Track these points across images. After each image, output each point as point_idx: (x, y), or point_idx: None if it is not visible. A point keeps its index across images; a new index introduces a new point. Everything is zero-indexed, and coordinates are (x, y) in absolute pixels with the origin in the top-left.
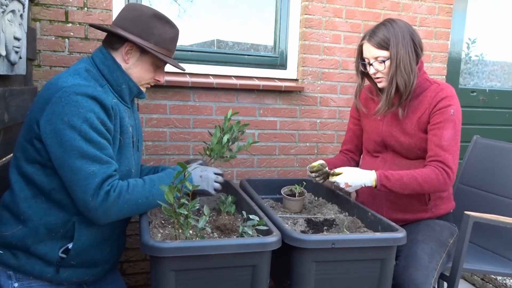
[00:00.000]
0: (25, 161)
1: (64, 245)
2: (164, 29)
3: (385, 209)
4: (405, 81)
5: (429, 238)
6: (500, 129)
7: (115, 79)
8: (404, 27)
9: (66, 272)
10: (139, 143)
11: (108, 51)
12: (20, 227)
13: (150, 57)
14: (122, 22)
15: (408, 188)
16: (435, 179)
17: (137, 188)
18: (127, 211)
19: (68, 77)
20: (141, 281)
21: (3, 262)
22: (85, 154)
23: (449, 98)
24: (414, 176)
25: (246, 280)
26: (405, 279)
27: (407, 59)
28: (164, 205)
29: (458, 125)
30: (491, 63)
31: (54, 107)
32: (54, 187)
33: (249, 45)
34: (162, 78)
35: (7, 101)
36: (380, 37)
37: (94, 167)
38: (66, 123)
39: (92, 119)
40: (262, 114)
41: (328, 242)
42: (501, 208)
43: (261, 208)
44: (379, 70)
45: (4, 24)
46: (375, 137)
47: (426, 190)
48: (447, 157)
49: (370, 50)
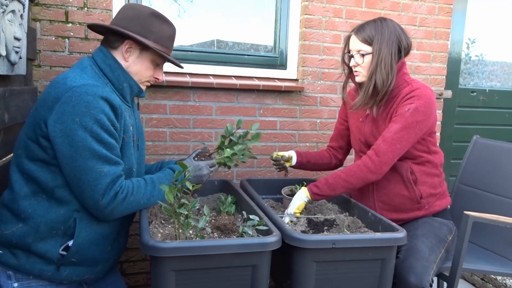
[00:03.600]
0: (27, 159)
1: (65, 242)
2: (162, 27)
3: (378, 210)
4: (383, 79)
5: (428, 233)
6: (500, 129)
7: (116, 78)
8: (393, 28)
9: (66, 270)
10: (139, 142)
11: (108, 50)
12: (20, 226)
13: (150, 54)
14: (120, 21)
15: (337, 187)
16: (357, 170)
17: (140, 190)
18: (130, 211)
19: (76, 76)
20: (141, 281)
21: (3, 262)
22: (96, 155)
23: (414, 98)
24: (337, 174)
25: (246, 280)
26: (404, 267)
27: (388, 58)
28: (164, 205)
29: (410, 123)
30: (491, 63)
31: (64, 107)
32: (59, 183)
33: (249, 45)
34: (161, 76)
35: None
36: (367, 32)
37: (105, 167)
38: (77, 123)
39: (103, 120)
40: (262, 114)
41: (328, 242)
42: (501, 208)
43: (261, 208)
44: (358, 64)
45: (4, 24)
46: (359, 137)
47: (356, 183)
48: (381, 146)
49: (354, 43)
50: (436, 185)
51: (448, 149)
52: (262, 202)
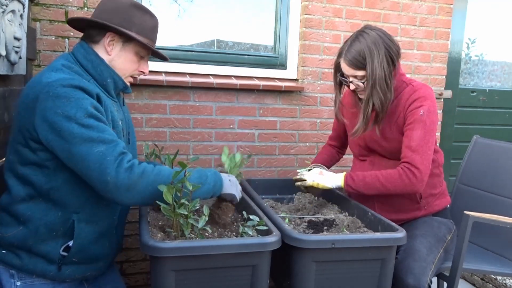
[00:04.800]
0: (19, 164)
1: (65, 243)
2: (144, 18)
3: (377, 211)
4: (381, 100)
5: (427, 233)
6: (500, 129)
7: (99, 74)
8: (379, 38)
9: (68, 269)
10: (130, 136)
11: (89, 45)
12: (21, 228)
13: (133, 46)
14: (101, 14)
15: (372, 187)
16: (399, 179)
17: (164, 172)
18: (149, 195)
19: (51, 73)
20: (141, 281)
21: (6, 261)
22: (87, 138)
23: (421, 99)
24: (377, 175)
25: (246, 280)
26: (402, 268)
27: (382, 77)
28: (163, 205)
29: (429, 125)
30: (491, 63)
31: (45, 104)
32: (53, 186)
33: (249, 45)
34: (146, 69)
35: (7, 101)
36: (354, 55)
37: (101, 147)
38: (60, 115)
39: (85, 106)
40: (262, 114)
41: (328, 242)
42: (501, 208)
43: (261, 208)
44: (359, 87)
45: (4, 24)
46: (359, 142)
47: (392, 190)
48: (414, 157)
49: (347, 70)
50: (436, 185)
51: (448, 149)
52: (262, 202)
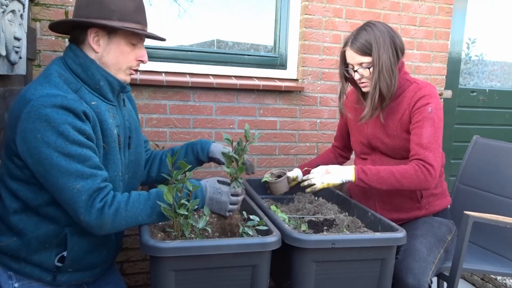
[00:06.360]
0: (8, 177)
1: (59, 252)
2: (123, 3)
3: (378, 210)
4: (388, 85)
5: (427, 233)
6: (500, 129)
7: (91, 78)
8: (385, 30)
9: (64, 276)
10: (131, 140)
11: (78, 47)
12: (14, 239)
13: (121, 36)
14: (78, 11)
15: (386, 182)
16: (414, 175)
17: (138, 205)
18: (126, 227)
19: (37, 87)
20: (141, 281)
21: (4, 263)
22: (66, 172)
23: (427, 96)
24: (391, 171)
25: (246, 280)
26: (402, 268)
27: (388, 63)
28: (163, 205)
29: (437, 122)
30: (491, 63)
31: (25, 124)
32: (40, 202)
33: (249, 45)
34: (143, 56)
35: (7, 101)
36: (361, 42)
37: (78, 184)
38: (40, 140)
39: (67, 131)
40: (262, 114)
41: (328, 242)
42: (501, 208)
43: (261, 208)
44: (364, 76)
45: (4, 24)
46: (361, 139)
47: (406, 186)
48: (427, 154)
49: (353, 57)
50: (437, 185)
51: (448, 149)
52: (262, 202)
